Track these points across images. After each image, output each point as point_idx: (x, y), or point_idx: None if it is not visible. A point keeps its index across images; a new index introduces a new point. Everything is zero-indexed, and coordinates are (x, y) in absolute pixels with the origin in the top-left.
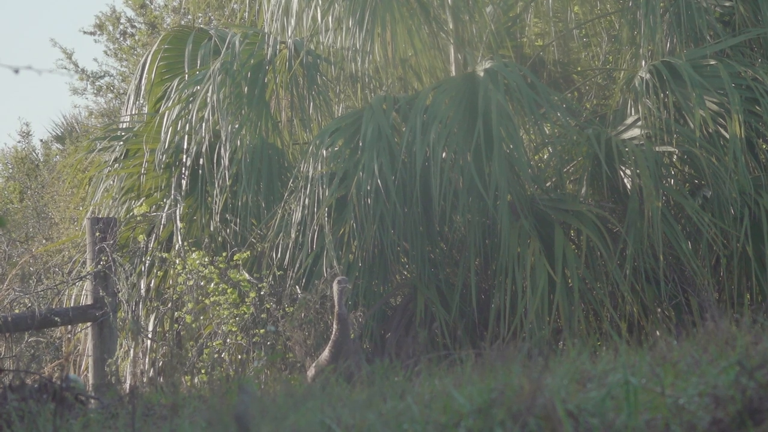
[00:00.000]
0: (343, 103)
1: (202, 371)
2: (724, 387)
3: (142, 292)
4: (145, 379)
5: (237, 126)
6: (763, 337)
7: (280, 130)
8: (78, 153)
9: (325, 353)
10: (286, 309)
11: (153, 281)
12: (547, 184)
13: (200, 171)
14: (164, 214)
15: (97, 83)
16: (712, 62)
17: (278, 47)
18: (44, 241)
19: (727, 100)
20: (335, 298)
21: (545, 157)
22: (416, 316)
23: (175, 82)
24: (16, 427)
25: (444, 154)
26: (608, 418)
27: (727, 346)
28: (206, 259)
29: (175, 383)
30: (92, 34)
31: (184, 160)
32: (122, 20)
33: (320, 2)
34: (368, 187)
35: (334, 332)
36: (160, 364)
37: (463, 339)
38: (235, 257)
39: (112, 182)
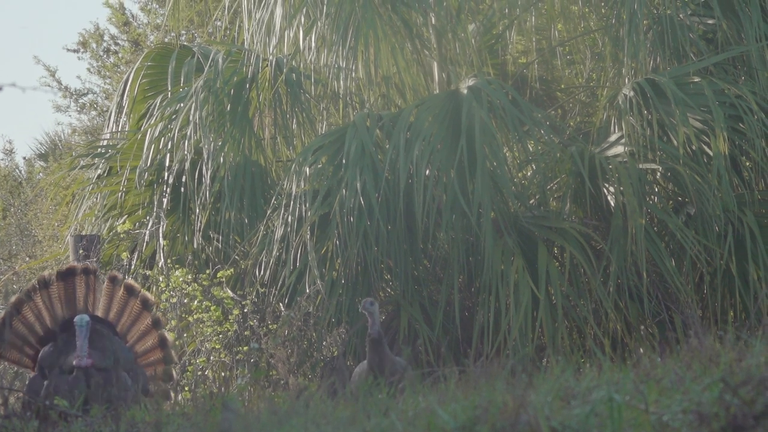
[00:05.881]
0: (326, 120)
1: (186, 388)
2: (708, 404)
3: None
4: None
5: (220, 143)
6: (746, 354)
7: (263, 148)
8: (61, 170)
9: (363, 370)
10: (270, 326)
11: None
12: (531, 202)
13: (183, 188)
14: (147, 232)
15: (80, 100)
16: (696, 79)
17: (261, 65)
18: (27, 258)
19: (710, 118)
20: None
21: (529, 174)
22: (400, 333)
23: (158, 100)
24: None
25: (427, 172)
26: None
27: (711, 363)
28: (189, 277)
29: (158, 400)
30: (76, 51)
31: (166, 177)
32: (105, 37)
33: (302, 20)
34: (351, 205)
35: (367, 353)
36: None
37: (446, 356)
38: (219, 275)
39: (95, 199)
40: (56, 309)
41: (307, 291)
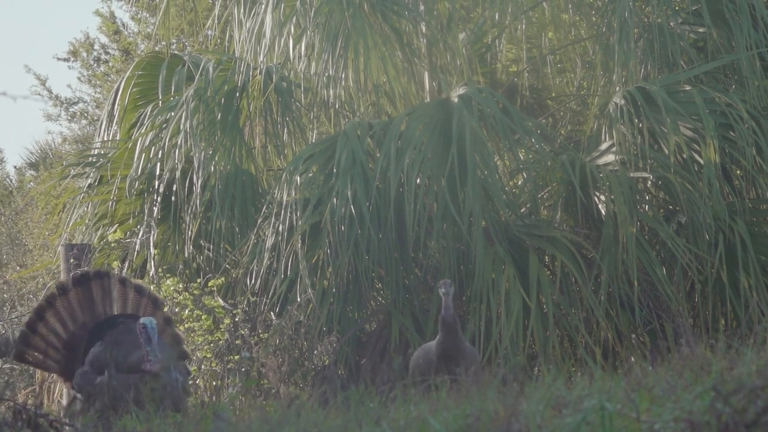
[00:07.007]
0: (317, 129)
1: None
2: (700, 412)
3: None
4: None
5: (210, 152)
6: (738, 363)
7: (254, 156)
8: (52, 179)
9: (430, 351)
10: (261, 335)
11: None
12: (522, 210)
13: (173, 197)
14: (138, 241)
15: (70, 109)
16: (687, 88)
17: (252, 73)
18: (18, 267)
19: (701, 126)
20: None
21: (520, 182)
22: (391, 342)
23: (149, 109)
24: None
25: (418, 180)
26: None
27: (702, 372)
28: (180, 286)
29: (150, 409)
30: (66, 60)
31: (157, 186)
32: (96, 46)
33: (292, 29)
34: (342, 214)
35: (438, 336)
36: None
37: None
38: (210, 284)
39: (86, 208)
40: (77, 313)
41: (298, 300)
